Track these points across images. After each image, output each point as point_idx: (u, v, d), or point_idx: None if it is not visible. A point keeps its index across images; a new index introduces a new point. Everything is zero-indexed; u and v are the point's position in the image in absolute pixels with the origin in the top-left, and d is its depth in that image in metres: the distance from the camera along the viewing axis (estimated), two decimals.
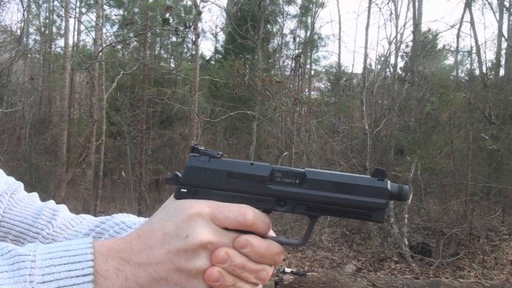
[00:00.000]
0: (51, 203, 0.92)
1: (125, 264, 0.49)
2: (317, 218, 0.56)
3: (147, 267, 0.49)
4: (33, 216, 0.86)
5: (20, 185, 0.91)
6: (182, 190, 0.55)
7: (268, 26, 14.75)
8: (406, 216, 7.15)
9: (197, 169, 0.55)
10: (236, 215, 0.51)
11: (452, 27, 14.34)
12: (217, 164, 0.55)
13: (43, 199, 0.95)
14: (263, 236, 0.54)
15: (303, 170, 0.55)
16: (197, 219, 0.50)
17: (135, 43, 15.75)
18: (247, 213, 0.52)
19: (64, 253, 0.48)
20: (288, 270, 5.34)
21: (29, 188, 1.00)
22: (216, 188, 0.55)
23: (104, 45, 11.04)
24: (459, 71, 17.04)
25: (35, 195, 0.93)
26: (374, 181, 0.54)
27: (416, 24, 13.75)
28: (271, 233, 0.57)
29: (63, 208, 0.91)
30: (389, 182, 0.54)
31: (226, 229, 0.52)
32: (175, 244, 0.49)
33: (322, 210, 0.55)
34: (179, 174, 0.56)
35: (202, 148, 0.57)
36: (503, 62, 14.06)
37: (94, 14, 14.11)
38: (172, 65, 18.42)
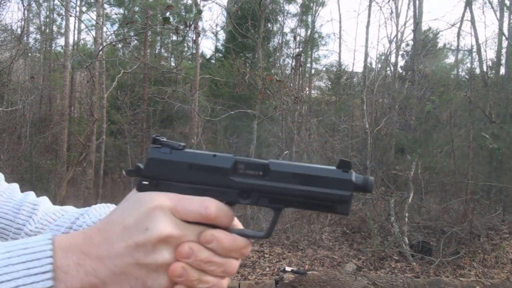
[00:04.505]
0: (31, 196, 0.89)
1: (85, 258, 0.48)
2: (281, 211, 0.55)
3: (106, 261, 0.48)
4: (14, 211, 0.83)
5: (0, 176, 0.87)
6: (144, 182, 0.54)
7: (269, 25, 14.73)
8: (407, 215, 7.15)
9: (158, 161, 0.54)
10: (198, 207, 0.50)
11: (452, 25, 14.38)
12: (179, 156, 0.54)
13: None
14: (226, 228, 0.53)
15: (267, 161, 0.54)
16: (157, 212, 0.49)
17: (136, 42, 15.77)
18: (210, 206, 0.50)
19: (22, 251, 0.47)
20: (288, 269, 5.35)
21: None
22: (178, 180, 0.53)
23: (104, 44, 11.03)
24: (460, 69, 17.03)
25: (15, 186, 0.90)
26: (338, 173, 0.52)
27: (417, 22, 13.72)
28: (238, 224, 0.56)
29: (43, 201, 0.88)
30: (354, 173, 0.53)
31: (189, 222, 0.50)
32: (134, 237, 0.48)
33: (286, 202, 0.53)
34: (141, 166, 0.55)
35: (164, 139, 0.55)
36: (503, 61, 14.02)
37: (95, 13, 14.13)
38: (173, 64, 18.44)
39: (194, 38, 11.35)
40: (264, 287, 5.27)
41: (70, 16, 13.93)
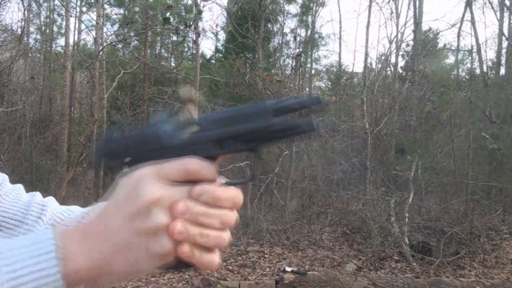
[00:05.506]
0: (38, 196, 0.88)
1: (86, 238, 0.51)
2: (256, 152, 0.56)
3: (108, 235, 0.51)
4: (22, 212, 0.83)
5: (5, 177, 0.86)
6: (125, 170, 0.57)
7: (269, 25, 14.74)
8: (407, 215, 7.15)
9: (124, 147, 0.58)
10: (178, 165, 0.52)
11: (452, 26, 14.36)
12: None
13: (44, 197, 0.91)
14: (213, 182, 0.55)
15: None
16: (142, 180, 0.52)
17: (136, 42, 15.77)
18: (189, 162, 0.53)
19: (24, 237, 0.50)
20: (288, 269, 5.35)
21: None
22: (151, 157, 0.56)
23: (104, 44, 11.04)
24: (460, 70, 17.03)
25: (20, 187, 0.89)
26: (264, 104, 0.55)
27: (417, 23, 13.73)
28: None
29: (51, 202, 0.88)
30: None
31: (176, 183, 0.53)
32: (128, 208, 0.51)
33: (257, 140, 0.55)
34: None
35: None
36: (503, 61, 14.04)
37: (95, 13, 14.14)
38: (173, 64, 18.43)
39: (194, 39, 11.34)
40: (264, 287, 5.27)
41: (70, 16, 13.93)
